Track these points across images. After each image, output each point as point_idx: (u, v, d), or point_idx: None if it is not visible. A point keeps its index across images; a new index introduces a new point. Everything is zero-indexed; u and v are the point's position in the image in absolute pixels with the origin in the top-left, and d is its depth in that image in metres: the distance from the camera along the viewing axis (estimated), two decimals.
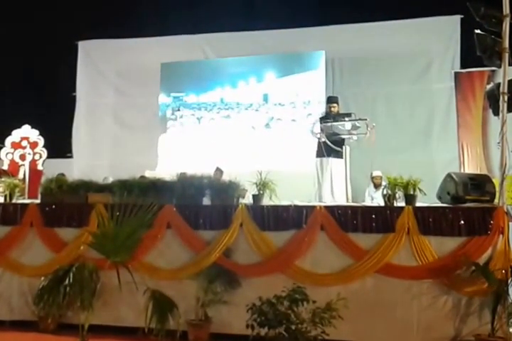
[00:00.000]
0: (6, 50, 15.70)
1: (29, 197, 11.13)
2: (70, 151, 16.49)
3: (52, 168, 12.54)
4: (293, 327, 6.87)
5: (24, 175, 12.79)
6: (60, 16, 15.68)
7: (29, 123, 14.56)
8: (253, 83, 16.28)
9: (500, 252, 8.12)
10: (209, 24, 15.76)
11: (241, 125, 16.32)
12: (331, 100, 11.83)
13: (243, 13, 15.59)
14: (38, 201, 10.05)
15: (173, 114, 16.76)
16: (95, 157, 16.63)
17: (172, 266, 8.95)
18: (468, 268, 8.06)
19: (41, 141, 14.40)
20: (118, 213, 7.53)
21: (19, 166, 13.83)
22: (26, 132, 14.59)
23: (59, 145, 15.79)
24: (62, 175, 10.55)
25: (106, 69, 17.27)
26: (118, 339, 8.63)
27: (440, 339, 8.12)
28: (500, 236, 8.18)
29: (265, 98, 16.21)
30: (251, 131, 16.21)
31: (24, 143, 14.36)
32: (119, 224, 7.51)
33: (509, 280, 8.07)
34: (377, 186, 12.36)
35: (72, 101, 16.83)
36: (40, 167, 14.08)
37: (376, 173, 12.29)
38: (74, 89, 16.90)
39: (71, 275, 7.73)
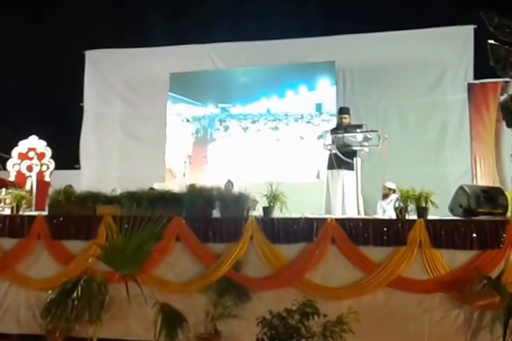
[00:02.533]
0: (14, 60, 15.73)
1: (36, 209, 11.09)
2: (78, 162, 16.48)
3: (59, 180, 12.52)
4: (303, 340, 6.78)
5: (31, 186, 12.74)
6: (68, 26, 15.69)
7: (36, 134, 14.55)
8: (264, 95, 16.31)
9: None
10: (218, 34, 15.80)
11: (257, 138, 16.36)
12: (342, 111, 11.80)
13: (253, 23, 15.58)
14: (46, 213, 9.97)
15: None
16: (103, 168, 16.63)
17: (181, 280, 8.85)
18: (480, 282, 7.95)
19: (48, 152, 14.40)
20: (127, 225, 7.50)
21: (26, 177, 13.83)
22: (33, 143, 14.60)
23: (67, 156, 15.79)
24: (70, 186, 10.49)
25: (113, 79, 17.28)
26: None
27: None
28: None
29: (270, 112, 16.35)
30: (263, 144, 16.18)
31: (31, 154, 14.37)
32: (127, 237, 7.48)
33: None
34: (384, 196, 12.29)
35: (79, 112, 16.83)
36: (47, 178, 14.08)
37: (386, 183, 12.21)
38: (81, 100, 16.91)
39: (79, 288, 7.74)
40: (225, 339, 8.55)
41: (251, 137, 16.34)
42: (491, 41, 8.80)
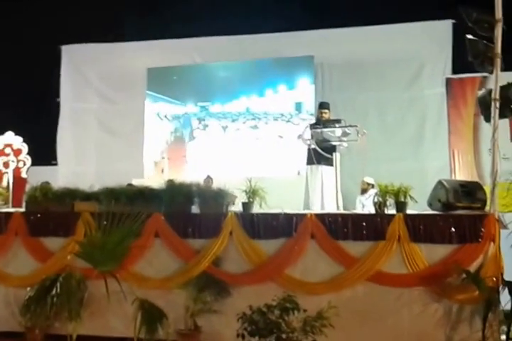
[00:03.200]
0: None
1: (13, 206, 10.99)
2: (55, 158, 16.37)
3: (36, 176, 12.43)
4: (284, 336, 6.82)
5: (8, 183, 12.65)
6: (43, 20, 15.52)
7: (12, 130, 14.43)
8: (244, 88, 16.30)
9: (492, 259, 8.07)
10: (197, 28, 15.64)
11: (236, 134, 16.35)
12: (322, 106, 11.77)
13: (232, 17, 15.41)
14: (23, 210, 9.89)
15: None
16: (80, 164, 16.54)
17: (161, 276, 8.84)
18: (459, 276, 8.02)
19: (25, 148, 14.23)
20: (105, 222, 7.49)
21: (2, 174, 13.67)
22: (9, 139, 14.42)
23: (43, 152, 15.60)
24: (47, 183, 10.43)
25: (90, 75, 17.15)
26: None
27: None
28: (492, 243, 8.12)
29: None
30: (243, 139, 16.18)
31: (7, 150, 14.19)
32: (106, 233, 7.46)
33: (500, 288, 8.00)
34: (362, 191, 12.32)
35: (56, 107, 16.68)
36: (24, 175, 13.91)
37: (365, 179, 12.23)
38: (58, 95, 16.75)
39: (58, 285, 7.70)
40: (205, 334, 8.54)
41: (230, 136, 16.30)
42: (470, 36, 8.79)
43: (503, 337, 8.14)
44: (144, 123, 16.55)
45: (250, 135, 16.20)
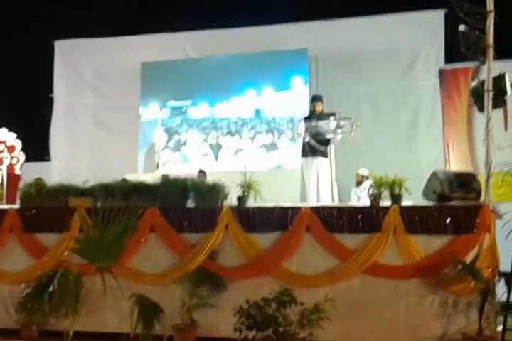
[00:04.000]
0: None
1: (7, 203, 11.07)
2: (48, 154, 16.33)
3: (30, 172, 12.47)
4: (281, 329, 6.81)
5: (2, 179, 12.65)
6: (36, 15, 15.56)
7: (6, 127, 14.39)
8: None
9: (487, 250, 8.10)
10: (189, 22, 15.66)
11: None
12: (315, 99, 11.74)
13: (224, 11, 15.52)
14: (17, 206, 9.91)
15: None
16: (74, 160, 16.43)
17: (156, 271, 8.87)
18: (455, 267, 8.02)
19: (19, 145, 14.20)
20: (101, 217, 7.45)
21: None
22: (3, 136, 14.39)
23: (37, 148, 15.61)
24: (40, 179, 10.41)
25: (83, 70, 17.03)
26: None
27: (427, 338, 8.08)
28: (487, 234, 8.15)
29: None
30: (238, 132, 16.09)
31: (1, 146, 14.15)
32: (102, 229, 7.43)
33: (496, 279, 8.03)
34: (357, 183, 12.31)
35: (49, 103, 16.61)
36: (17, 171, 13.89)
37: (359, 171, 12.21)
38: (51, 91, 16.68)
39: (55, 281, 7.68)
40: (201, 329, 8.54)
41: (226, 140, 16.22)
42: (462, 27, 8.80)
43: (500, 328, 8.18)
44: (139, 118, 16.47)
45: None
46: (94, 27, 15.76)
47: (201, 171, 12.97)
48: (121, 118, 16.50)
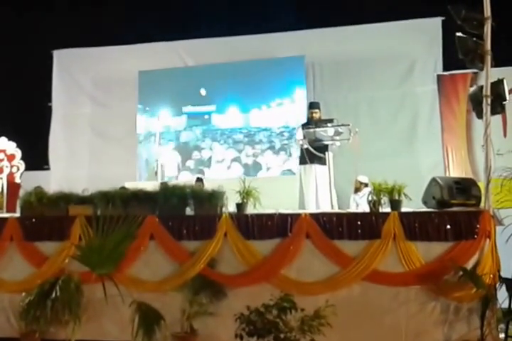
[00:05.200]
0: None
1: (7, 211, 11.03)
2: (47, 163, 16.30)
3: (29, 181, 12.43)
4: (282, 335, 6.77)
5: (2, 188, 12.65)
6: (35, 25, 15.54)
7: (5, 136, 14.39)
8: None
9: (488, 256, 8.10)
10: (187, 31, 15.66)
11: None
12: (312, 106, 11.79)
13: (221, 19, 15.52)
14: (18, 215, 9.90)
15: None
16: (73, 168, 16.37)
17: (156, 278, 8.85)
18: (456, 273, 8.03)
19: (18, 154, 14.21)
20: (102, 225, 7.46)
21: None
22: (3, 144, 14.40)
23: (36, 157, 15.59)
24: (40, 188, 10.40)
25: (82, 79, 17.02)
26: None
27: None
28: (487, 240, 8.16)
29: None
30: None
31: (1, 155, 14.14)
32: (103, 236, 7.45)
33: (497, 285, 8.05)
34: (356, 190, 12.30)
35: (48, 112, 16.59)
36: (17, 180, 13.89)
37: (358, 177, 12.20)
38: (50, 100, 16.66)
39: (57, 287, 7.67)
40: (201, 337, 8.54)
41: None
42: (459, 34, 8.85)
43: (502, 335, 8.18)
44: (136, 127, 16.44)
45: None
46: (93, 36, 15.77)
47: (199, 179, 12.95)
48: (119, 126, 16.47)
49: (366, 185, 11.81)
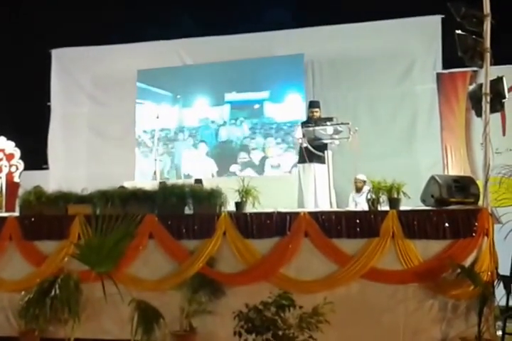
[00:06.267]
0: None
1: (6, 210, 11.10)
2: (46, 163, 16.33)
3: (28, 180, 12.45)
4: (280, 332, 6.81)
5: (1, 187, 12.70)
6: (33, 24, 15.64)
7: (4, 135, 14.44)
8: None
9: (486, 254, 8.12)
10: (185, 29, 15.76)
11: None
12: (312, 105, 11.86)
13: (219, 18, 15.62)
14: (17, 214, 9.94)
15: None
16: (72, 168, 16.36)
17: (155, 277, 8.87)
18: (454, 271, 8.05)
19: (17, 153, 14.25)
20: (101, 224, 7.53)
21: None
22: (2, 144, 14.44)
23: (35, 156, 15.67)
24: (38, 187, 10.43)
25: (81, 78, 16.98)
26: None
27: None
28: (485, 238, 8.18)
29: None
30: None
31: (0, 155, 14.24)
32: (102, 235, 7.52)
33: (495, 283, 8.07)
34: (358, 190, 12.31)
35: (47, 112, 16.62)
36: (16, 179, 13.94)
37: (359, 176, 12.21)
38: (48, 99, 16.69)
39: (57, 287, 7.73)
40: (200, 335, 8.57)
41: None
42: (459, 31, 8.86)
43: (499, 332, 8.21)
44: (135, 126, 16.38)
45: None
46: (91, 35, 15.81)
47: (198, 181, 12.95)
48: (118, 126, 16.48)
49: (365, 182, 11.87)
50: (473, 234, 8.18)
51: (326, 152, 10.73)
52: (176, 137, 16.19)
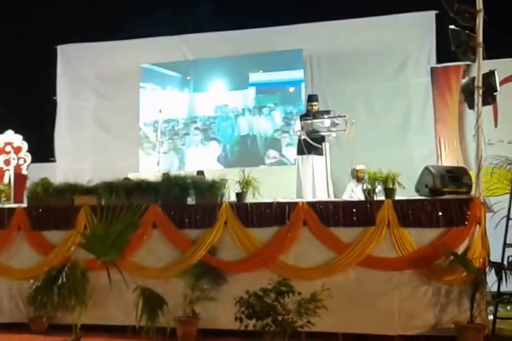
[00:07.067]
0: None
1: (15, 202, 11.20)
2: (53, 155, 16.43)
3: (36, 172, 12.63)
4: (280, 318, 7.03)
5: (9, 179, 12.84)
6: (39, 20, 15.78)
7: (12, 129, 14.58)
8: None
9: (478, 242, 8.33)
10: (187, 25, 15.82)
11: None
12: (311, 99, 11.96)
13: (220, 14, 15.68)
14: (25, 205, 10.16)
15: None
16: (78, 160, 16.52)
17: (159, 265, 9.13)
18: (447, 258, 8.28)
19: (25, 146, 14.40)
20: (106, 214, 7.69)
21: (4, 171, 13.84)
22: (10, 137, 14.59)
23: (42, 149, 15.84)
24: (45, 179, 10.60)
25: (86, 73, 17.12)
26: (108, 338, 8.77)
27: (421, 327, 8.33)
28: (478, 226, 8.39)
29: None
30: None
31: (8, 148, 14.36)
32: (107, 225, 7.67)
33: (487, 269, 8.30)
34: (359, 179, 12.41)
35: (53, 106, 16.73)
36: (24, 171, 14.09)
37: (360, 167, 12.28)
38: (54, 94, 16.79)
39: (64, 274, 7.89)
40: (203, 321, 8.80)
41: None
42: (452, 26, 9.01)
43: (491, 317, 8.44)
44: (139, 119, 16.47)
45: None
46: (95, 32, 15.95)
47: (200, 172, 13.02)
48: (122, 119, 16.58)
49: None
50: (466, 223, 8.40)
51: (323, 144, 10.92)
52: (187, 130, 15.56)
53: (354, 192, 11.81)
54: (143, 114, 16.30)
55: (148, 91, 16.28)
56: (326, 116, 10.83)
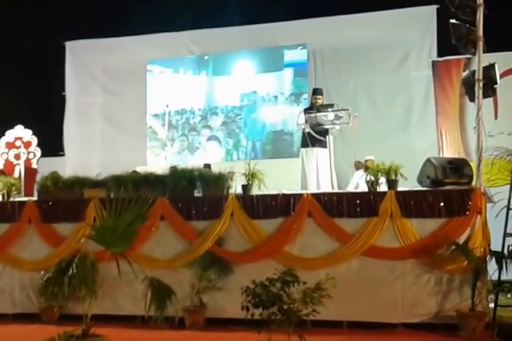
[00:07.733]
0: None
1: (25, 195, 11.34)
2: (62, 150, 16.60)
3: (45, 166, 12.80)
4: (285, 306, 7.11)
5: (20, 173, 12.97)
6: (48, 17, 15.89)
7: (22, 124, 14.71)
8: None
9: (479, 231, 8.49)
10: (193, 21, 16.02)
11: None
12: (316, 92, 12.09)
13: (225, 10, 15.67)
14: (35, 198, 10.30)
15: None
16: (87, 155, 16.70)
17: (167, 256, 9.29)
18: (449, 248, 8.42)
19: (34, 141, 14.59)
20: (115, 206, 7.81)
21: (14, 165, 14.04)
22: (20, 132, 14.78)
23: (51, 144, 16.07)
24: (55, 172, 10.73)
25: (94, 69, 17.35)
26: (118, 327, 8.82)
27: (423, 315, 8.48)
28: (478, 216, 8.54)
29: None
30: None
31: (18, 142, 14.56)
32: (116, 217, 7.79)
33: (487, 258, 8.44)
34: (367, 169, 12.43)
35: (62, 101, 16.94)
36: (34, 165, 14.27)
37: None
38: (63, 89, 17.02)
39: (74, 265, 8.02)
40: (210, 310, 8.98)
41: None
42: (453, 20, 9.11)
43: (491, 305, 8.59)
44: (147, 114, 16.70)
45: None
46: (103, 28, 16.09)
47: (206, 165, 13.08)
48: (130, 114, 16.79)
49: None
50: (467, 213, 8.55)
51: (327, 137, 11.10)
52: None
53: (358, 184, 11.85)
54: (150, 104, 16.15)
55: (156, 76, 15.49)
56: (329, 110, 10.98)
